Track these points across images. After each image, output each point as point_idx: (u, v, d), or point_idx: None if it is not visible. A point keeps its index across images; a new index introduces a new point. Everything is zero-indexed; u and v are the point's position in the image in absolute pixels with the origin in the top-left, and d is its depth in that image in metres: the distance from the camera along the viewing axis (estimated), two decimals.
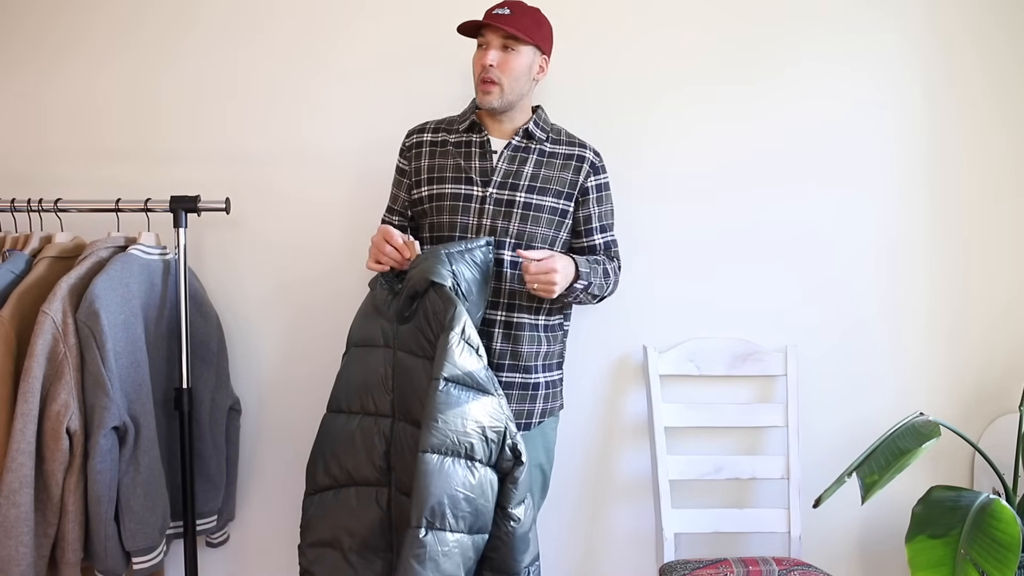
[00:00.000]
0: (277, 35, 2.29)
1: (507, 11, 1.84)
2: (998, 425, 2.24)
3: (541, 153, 1.93)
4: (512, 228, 1.87)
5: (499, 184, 1.88)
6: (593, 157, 1.96)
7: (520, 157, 1.91)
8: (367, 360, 1.81)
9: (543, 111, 2.00)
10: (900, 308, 2.28)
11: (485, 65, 1.85)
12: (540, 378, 1.93)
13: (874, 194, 2.28)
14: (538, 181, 1.90)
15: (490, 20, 1.83)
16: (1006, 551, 1.68)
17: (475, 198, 1.88)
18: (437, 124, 2.00)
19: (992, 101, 2.27)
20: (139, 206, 2.01)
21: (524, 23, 1.84)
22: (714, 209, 2.27)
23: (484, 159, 1.91)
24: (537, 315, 1.92)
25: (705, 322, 2.27)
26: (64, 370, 1.77)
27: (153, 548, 1.88)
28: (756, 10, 2.27)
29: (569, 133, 2.00)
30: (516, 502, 1.67)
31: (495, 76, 1.85)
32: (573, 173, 1.93)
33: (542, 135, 1.94)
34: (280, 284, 2.29)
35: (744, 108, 2.27)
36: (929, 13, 2.27)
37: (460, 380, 1.63)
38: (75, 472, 1.78)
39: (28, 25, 2.31)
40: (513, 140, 1.92)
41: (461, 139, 1.94)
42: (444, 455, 1.60)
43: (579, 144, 1.97)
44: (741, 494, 2.28)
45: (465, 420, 1.61)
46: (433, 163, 1.94)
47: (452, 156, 1.92)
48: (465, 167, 1.90)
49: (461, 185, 1.89)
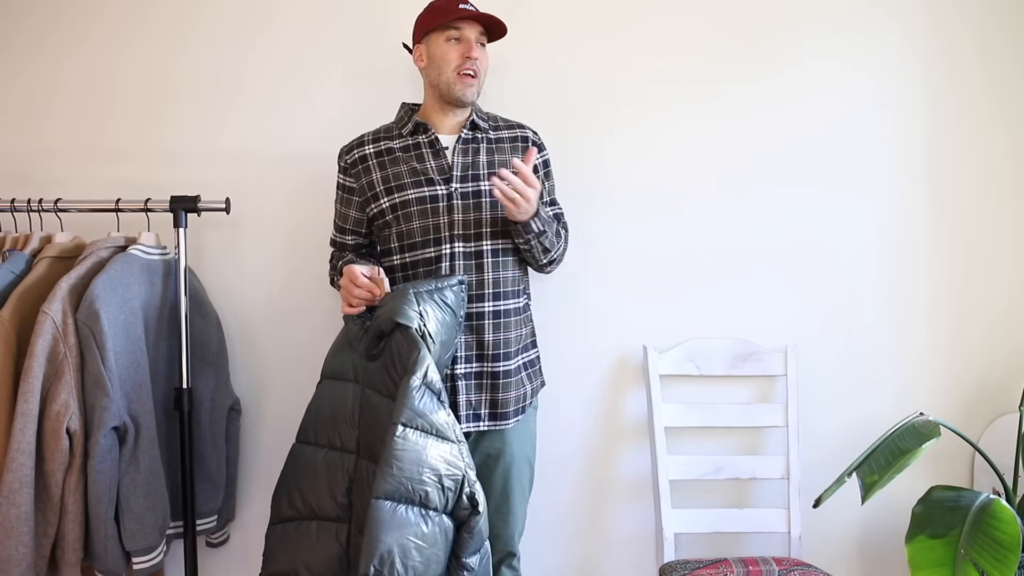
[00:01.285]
0: (277, 35, 2.29)
1: (473, 6, 1.87)
2: (998, 425, 2.24)
3: (489, 141, 1.95)
4: (485, 217, 1.87)
5: (460, 178, 1.88)
6: (534, 136, 2.00)
7: (472, 148, 1.92)
8: (337, 394, 1.79)
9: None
10: (900, 308, 2.28)
11: (471, 57, 1.86)
12: (526, 358, 1.95)
13: (875, 194, 2.28)
14: (495, 167, 1.90)
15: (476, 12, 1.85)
16: (1006, 551, 1.68)
17: (440, 196, 1.87)
18: (375, 135, 1.98)
19: (992, 101, 2.27)
20: (139, 206, 2.01)
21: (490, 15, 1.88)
22: (714, 209, 2.27)
23: (438, 157, 1.90)
24: (517, 298, 1.93)
25: (705, 322, 2.27)
26: (64, 370, 1.77)
27: (153, 548, 1.88)
28: (757, 9, 2.27)
29: (504, 118, 2.02)
30: (471, 552, 1.63)
31: (478, 68, 1.88)
32: (521, 154, 1.95)
33: (485, 124, 1.96)
34: (280, 284, 2.29)
35: (745, 107, 2.27)
36: (929, 13, 2.27)
37: (418, 426, 1.59)
38: (75, 472, 1.78)
39: (29, 25, 2.32)
40: (462, 134, 1.92)
41: (407, 143, 1.93)
42: (397, 502, 1.55)
43: (518, 126, 2.00)
44: (741, 494, 2.28)
45: (421, 467, 1.57)
46: (386, 173, 1.91)
47: (403, 162, 1.91)
48: (421, 169, 1.89)
49: (423, 187, 1.88)
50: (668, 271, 2.27)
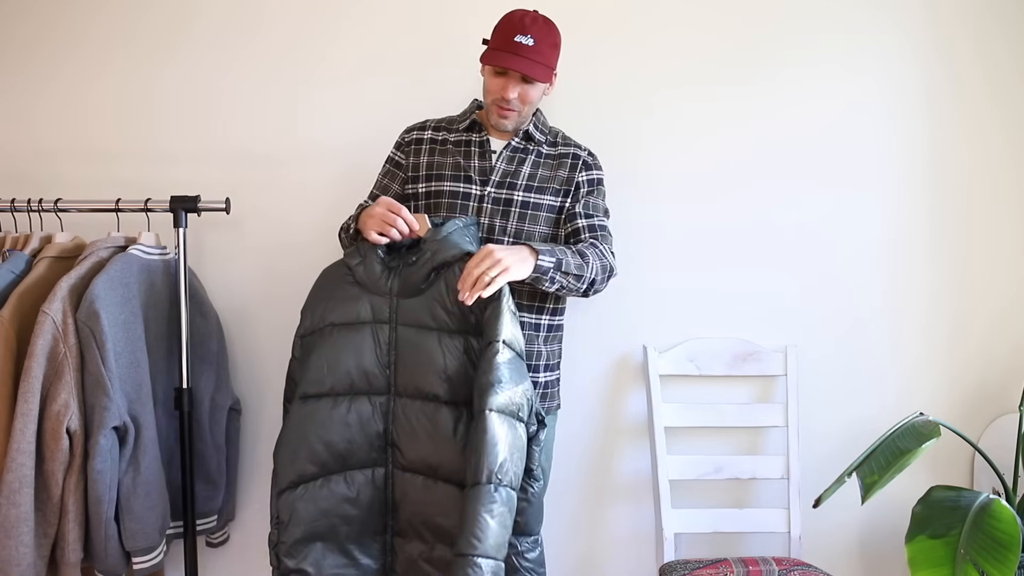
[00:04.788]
0: (277, 35, 2.29)
1: (531, 41, 1.80)
2: (998, 425, 2.24)
3: (539, 155, 1.95)
4: (510, 226, 1.88)
5: (497, 183, 1.90)
6: (587, 156, 1.98)
7: (519, 158, 1.93)
8: (353, 339, 1.77)
9: (542, 114, 2.01)
10: (900, 308, 2.28)
11: (507, 98, 1.84)
12: (541, 377, 1.94)
13: (875, 194, 2.28)
14: (536, 181, 1.91)
15: (515, 63, 1.79)
16: (1006, 551, 1.68)
17: (473, 196, 1.89)
18: (437, 123, 2.01)
19: (992, 101, 2.27)
20: (139, 206, 2.01)
21: (545, 53, 1.82)
22: (714, 209, 2.27)
23: (483, 158, 1.92)
24: (540, 315, 1.92)
25: (705, 322, 2.27)
26: (64, 370, 1.77)
27: (153, 548, 1.88)
28: (756, 10, 2.27)
29: (566, 136, 2.02)
30: (537, 463, 1.74)
31: (515, 107, 1.86)
32: (568, 171, 1.94)
33: (541, 137, 1.97)
34: (280, 284, 2.29)
35: (744, 107, 2.27)
36: (929, 13, 2.27)
37: (511, 345, 1.68)
38: (75, 472, 1.78)
39: (28, 25, 2.31)
40: (513, 141, 1.94)
41: (461, 138, 1.95)
42: (505, 414, 1.63)
43: (575, 145, 1.99)
44: (741, 494, 2.28)
45: (519, 382, 1.67)
46: (432, 160, 1.95)
47: (451, 155, 1.94)
48: (464, 166, 1.92)
49: (460, 183, 1.90)
50: (668, 271, 2.27)
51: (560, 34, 1.90)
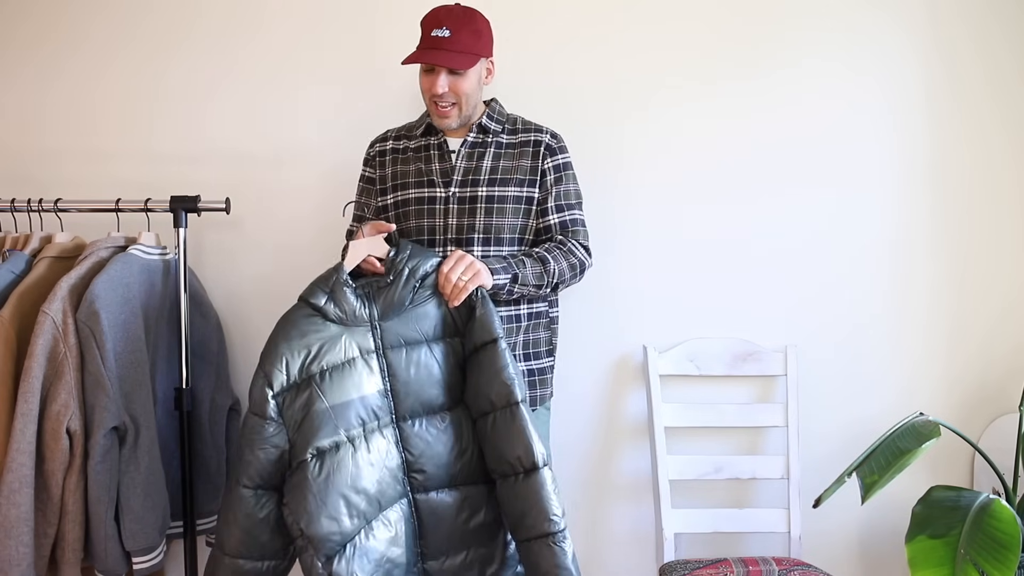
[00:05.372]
0: (277, 36, 2.29)
1: (446, 32, 1.80)
2: (998, 425, 2.24)
3: (499, 145, 1.93)
4: (478, 223, 1.88)
5: (460, 183, 1.90)
6: (549, 139, 1.94)
7: (478, 152, 1.92)
8: (348, 378, 1.69)
9: (497, 103, 1.99)
10: (900, 308, 2.28)
11: (438, 93, 1.83)
12: (528, 366, 1.93)
13: (875, 194, 2.28)
14: (498, 173, 1.90)
15: (433, 56, 1.80)
16: (1006, 551, 1.68)
17: (439, 199, 1.89)
18: (398, 132, 2.01)
19: (992, 101, 2.27)
20: (139, 206, 2.01)
21: (464, 41, 1.81)
22: (714, 209, 2.27)
23: (443, 160, 1.92)
24: (517, 305, 1.91)
25: (705, 322, 2.27)
26: (64, 370, 1.77)
27: (153, 548, 1.88)
28: (757, 9, 2.27)
29: (526, 120, 1.99)
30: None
31: (449, 100, 1.85)
32: (532, 159, 1.92)
33: (497, 127, 1.95)
34: (280, 284, 2.28)
35: (744, 107, 2.27)
36: (930, 13, 2.27)
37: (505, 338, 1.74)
38: (75, 472, 1.78)
39: (29, 26, 2.32)
40: (468, 137, 1.92)
41: (420, 143, 1.96)
42: (526, 403, 1.70)
43: (535, 129, 1.96)
44: (741, 494, 2.28)
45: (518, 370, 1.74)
46: (396, 170, 1.95)
47: (413, 162, 1.94)
48: (426, 170, 1.92)
49: (424, 189, 1.91)
50: (668, 271, 2.27)
51: (484, 20, 1.86)
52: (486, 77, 1.91)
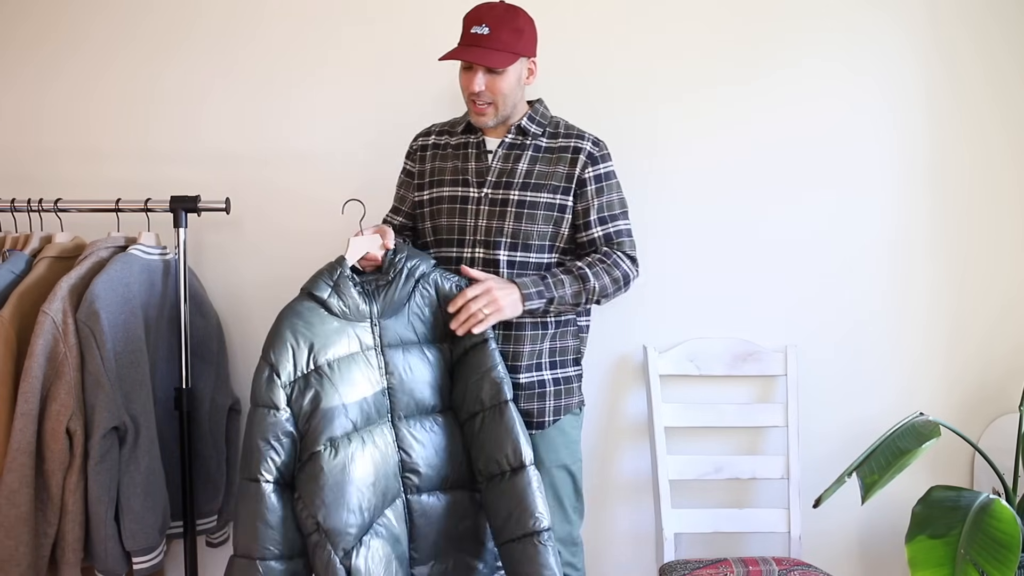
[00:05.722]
0: (276, 36, 2.29)
1: (485, 29, 1.78)
2: (998, 425, 2.24)
3: (536, 148, 1.91)
4: (507, 227, 1.86)
5: (493, 184, 1.88)
6: (591, 147, 1.90)
7: (514, 155, 1.90)
8: (352, 371, 1.69)
9: (542, 104, 1.97)
10: (900, 308, 2.28)
11: (474, 91, 1.82)
12: (547, 375, 1.90)
13: (875, 194, 2.28)
14: (532, 178, 1.88)
15: (470, 54, 1.79)
16: (1006, 551, 1.68)
17: (471, 199, 1.88)
18: (441, 127, 2.01)
19: (992, 101, 2.27)
20: (139, 206, 2.01)
21: (504, 39, 1.79)
22: (714, 209, 2.27)
23: (480, 160, 1.91)
24: (544, 314, 1.89)
25: (705, 322, 2.27)
26: (64, 370, 1.77)
27: (153, 548, 1.88)
28: (757, 9, 2.26)
29: (568, 124, 1.96)
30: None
31: (486, 99, 1.83)
32: (568, 166, 1.88)
33: (537, 129, 1.92)
34: (280, 284, 2.27)
35: (744, 107, 2.26)
36: (929, 13, 2.26)
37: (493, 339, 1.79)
38: (75, 472, 1.78)
39: (29, 26, 2.31)
40: (506, 138, 1.91)
41: (460, 140, 1.95)
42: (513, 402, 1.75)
43: (576, 135, 1.92)
44: (741, 494, 2.28)
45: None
46: (434, 166, 1.94)
47: (451, 159, 1.93)
48: (462, 169, 1.91)
49: (458, 188, 1.90)
50: (668, 271, 2.27)
51: (527, 18, 1.85)
52: (527, 77, 1.89)
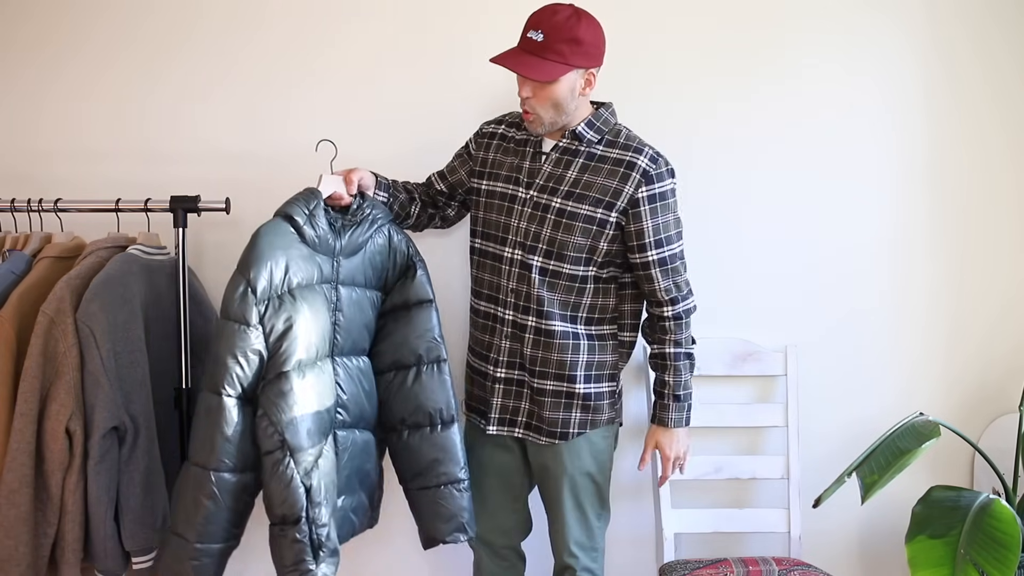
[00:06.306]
0: (276, 36, 2.29)
1: (540, 36, 1.71)
2: (998, 425, 2.24)
3: (589, 156, 1.82)
4: (544, 233, 1.82)
5: (540, 187, 1.84)
6: (647, 163, 1.79)
7: (566, 160, 1.83)
8: (315, 300, 1.73)
9: (606, 110, 1.87)
10: (900, 308, 2.28)
11: (521, 95, 1.78)
12: (580, 388, 1.86)
13: (874, 194, 2.28)
14: (578, 187, 1.81)
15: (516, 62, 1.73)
16: (1006, 551, 1.68)
17: (518, 199, 1.85)
18: (512, 119, 1.96)
19: (991, 101, 2.27)
20: (139, 206, 2.01)
21: (557, 49, 1.71)
22: (713, 209, 2.27)
23: (534, 160, 1.87)
24: (575, 323, 1.86)
25: (705, 322, 2.26)
26: (64, 370, 1.77)
27: (152, 548, 1.88)
28: (755, 10, 2.26)
29: (630, 135, 1.86)
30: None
31: (531, 107, 1.78)
32: (619, 181, 1.79)
33: (594, 136, 1.83)
34: None
35: (742, 108, 2.27)
36: (929, 13, 2.27)
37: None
38: (75, 472, 1.78)
39: (31, 27, 2.31)
40: (560, 142, 1.85)
41: (522, 137, 1.91)
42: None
43: (635, 148, 1.81)
44: (741, 494, 2.28)
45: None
46: (495, 158, 1.92)
47: (511, 154, 1.90)
48: (516, 167, 1.88)
49: (509, 185, 1.88)
50: None
51: (590, 28, 1.75)
52: (583, 88, 1.78)
